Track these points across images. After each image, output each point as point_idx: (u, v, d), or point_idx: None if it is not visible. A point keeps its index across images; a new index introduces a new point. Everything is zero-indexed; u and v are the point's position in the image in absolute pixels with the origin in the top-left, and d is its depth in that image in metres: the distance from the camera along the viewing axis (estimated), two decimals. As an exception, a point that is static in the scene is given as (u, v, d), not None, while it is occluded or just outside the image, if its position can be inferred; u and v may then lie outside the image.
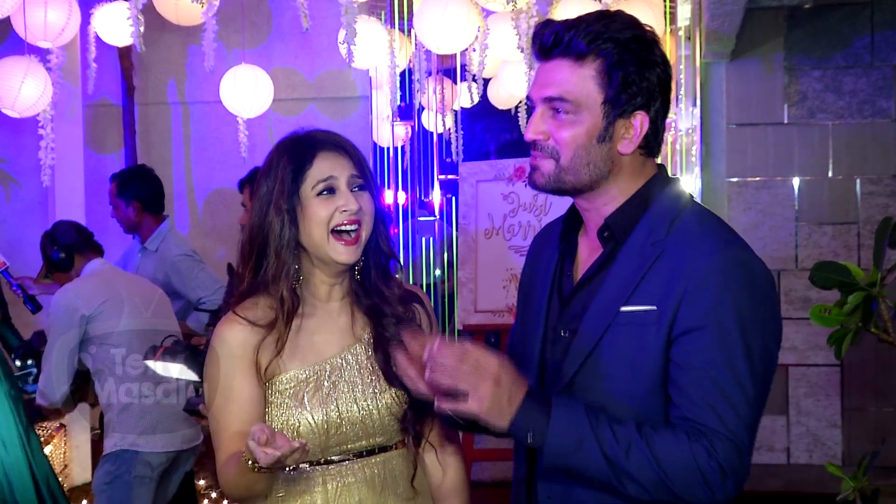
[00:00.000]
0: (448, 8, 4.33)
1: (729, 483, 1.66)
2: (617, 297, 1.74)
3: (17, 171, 5.85)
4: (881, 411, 5.48)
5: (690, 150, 5.47)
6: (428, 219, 5.78)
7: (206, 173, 5.95)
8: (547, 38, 1.77)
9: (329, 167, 1.98)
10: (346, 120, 5.89)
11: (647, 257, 1.74)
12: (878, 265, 2.05)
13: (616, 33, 1.75)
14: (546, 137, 1.77)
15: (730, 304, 1.68)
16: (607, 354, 1.74)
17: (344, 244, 1.98)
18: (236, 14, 5.28)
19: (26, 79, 4.33)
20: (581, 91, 1.74)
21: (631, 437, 1.66)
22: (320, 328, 2.05)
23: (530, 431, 1.68)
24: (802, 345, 5.52)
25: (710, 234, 1.77)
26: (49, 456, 4.83)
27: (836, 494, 2.20)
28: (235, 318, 2.00)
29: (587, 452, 1.67)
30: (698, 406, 1.67)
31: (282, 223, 1.97)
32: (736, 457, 1.66)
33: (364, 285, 2.08)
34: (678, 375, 1.69)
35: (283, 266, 1.99)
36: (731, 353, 1.67)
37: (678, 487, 1.66)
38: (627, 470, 1.66)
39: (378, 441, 2.04)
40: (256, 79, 4.88)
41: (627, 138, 1.77)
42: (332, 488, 2.02)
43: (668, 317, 1.69)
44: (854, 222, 5.50)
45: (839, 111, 5.50)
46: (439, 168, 5.74)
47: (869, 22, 5.47)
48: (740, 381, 1.67)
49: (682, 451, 1.65)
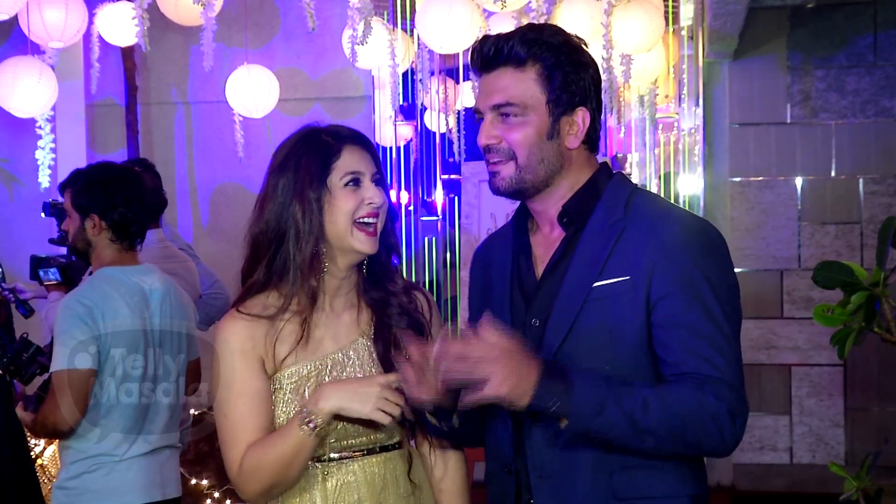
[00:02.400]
0: (452, 8, 4.33)
1: (738, 424, 1.80)
2: (587, 275, 1.87)
3: (20, 172, 5.85)
4: (884, 411, 5.48)
5: (693, 149, 5.47)
6: (431, 219, 5.78)
7: (208, 173, 5.95)
8: (487, 50, 1.91)
9: (356, 160, 2.04)
10: (350, 120, 5.88)
11: (609, 236, 1.88)
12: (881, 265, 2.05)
13: (549, 38, 1.91)
14: (499, 141, 1.91)
15: (697, 267, 1.84)
16: (585, 329, 1.86)
17: (366, 234, 2.03)
18: (240, 14, 5.28)
19: (41, 80, 4.35)
20: (526, 93, 1.89)
21: (645, 395, 1.78)
22: (324, 323, 2.07)
23: (554, 400, 1.75)
24: (805, 345, 5.52)
25: (667, 210, 1.95)
26: (52, 455, 4.84)
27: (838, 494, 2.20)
28: (238, 315, 2.03)
29: (610, 413, 1.75)
30: (692, 359, 1.81)
31: (308, 212, 2.00)
32: (737, 398, 1.81)
33: (370, 279, 2.11)
34: (665, 336, 1.84)
35: (308, 251, 2.01)
36: (709, 309, 1.83)
37: (695, 436, 1.79)
38: (647, 425, 1.76)
39: (379, 438, 2.05)
40: (262, 79, 4.88)
41: (573, 134, 1.92)
42: (331, 486, 2.03)
43: (644, 285, 1.84)
44: (857, 222, 5.49)
45: (842, 111, 5.50)
46: (442, 168, 5.74)
47: (872, 21, 5.47)
48: (722, 331, 1.82)
49: (692, 401, 1.78)
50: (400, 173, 5.75)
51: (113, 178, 3.15)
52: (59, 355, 2.94)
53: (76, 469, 3.04)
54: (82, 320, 2.96)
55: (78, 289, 3.13)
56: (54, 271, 4.05)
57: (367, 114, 5.82)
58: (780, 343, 5.55)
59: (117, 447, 3.04)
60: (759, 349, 5.57)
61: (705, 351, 1.81)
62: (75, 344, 2.95)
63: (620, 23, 4.40)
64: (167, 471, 3.17)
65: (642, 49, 4.52)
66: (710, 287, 1.84)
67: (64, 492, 3.06)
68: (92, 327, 2.97)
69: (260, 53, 5.60)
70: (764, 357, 5.57)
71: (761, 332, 5.54)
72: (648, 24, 4.38)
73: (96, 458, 3.03)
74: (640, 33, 4.40)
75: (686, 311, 1.82)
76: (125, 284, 3.08)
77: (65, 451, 3.08)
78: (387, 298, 2.11)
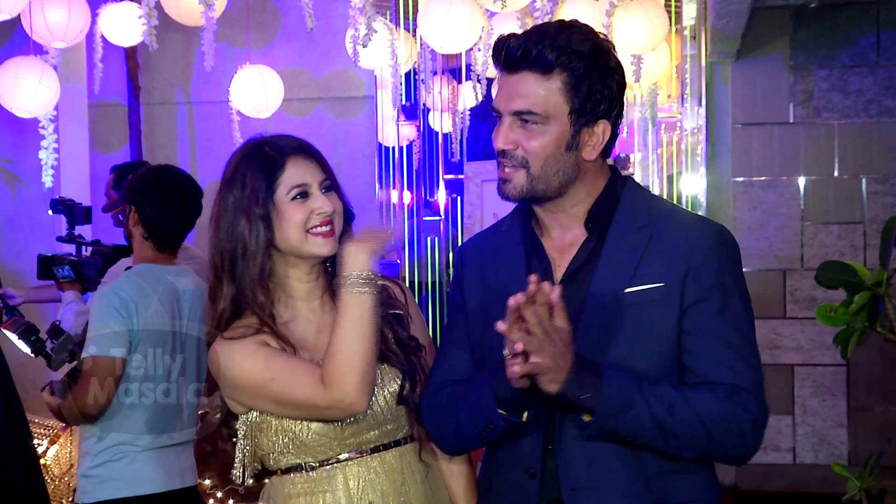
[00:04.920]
0: (452, 7, 4.33)
1: (759, 434, 1.83)
2: (618, 281, 1.85)
3: (23, 172, 5.85)
4: (887, 411, 5.47)
5: (696, 149, 5.47)
6: (433, 218, 5.78)
7: (211, 173, 5.94)
8: (514, 51, 1.84)
9: (301, 173, 2.05)
10: (353, 119, 5.89)
11: (638, 241, 1.87)
12: (884, 265, 2.05)
13: (579, 45, 1.83)
14: (515, 147, 1.86)
15: (727, 277, 1.86)
16: (619, 335, 1.83)
17: (323, 237, 2.04)
18: (242, 14, 5.28)
19: (42, 80, 4.35)
20: (549, 103, 1.84)
21: (672, 397, 1.78)
22: (312, 327, 2.10)
23: (584, 392, 1.74)
24: (808, 344, 5.51)
25: (691, 217, 1.98)
26: (55, 455, 4.85)
27: (842, 494, 2.20)
28: (226, 343, 2.04)
29: (637, 412, 1.76)
30: (722, 369, 1.81)
31: (254, 228, 2.02)
32: (762, 411, 1.83)
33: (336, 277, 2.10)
34: (694, 344, 1.83)
35: (257, 268, 2.04)
36: (738, 321, 1.85)
37: (716, 440, 1.80)
38: (672, 428, 1.77)
39: (389, 429, 2.07)
40: (267, 79, 4.88)
41: (591, 145, 1.88)
42: (354, 485, 2.04)
43: (677, 291, 1.83)
44: (860, 222, 5.48)
45: (845, 110, 5.49)
46: (444, 167, 5.74)
47: (875, 21, 5.46)
48: (750, 343, 1.85)
49: (722, 408, 1.79)
50: (402, 173, 5.75)
51: (155, 177, 3.26)
52: (93, 342, 3.03)
53: (101, 458, 3.14)
54: (118, 311, 3.05)
55: (115, 281, 3.21)
56: (67, 268, 4.06)
57: (369, 114, 5.82)
58: (783, 343, 5.55)
59: (139, 438, 3.14)
60: (762, 349, 5.53)
61: (733, 361, 1.82)
62: (109, 332, 3.04)
63: (625, 22, 4.40)
64: (184, 460, 3.30)
65: (647, 49, 4.51)
66: (737, 294, 1.86)
67: (88, 480, 3.17)
68: (126, 320, 3.06)
69: (262, 53, 5.60)
70: (767, 357, 5.56)
71: (764, 332, 5.54)
72: (651, 23, 4.38)
73: (119, 447, 3.13)
74: (644, 33, 4.39)
75: (716, 319, 1.83)
76: (161, 282, 3.18)
77: (89, 440, 3.18)
78: None
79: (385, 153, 5.76)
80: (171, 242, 3.25)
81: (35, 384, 4.57)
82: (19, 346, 3.35)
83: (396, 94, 4.96)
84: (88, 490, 3.16)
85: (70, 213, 4.34)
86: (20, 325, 3.33)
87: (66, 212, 4.34)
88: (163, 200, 3.19)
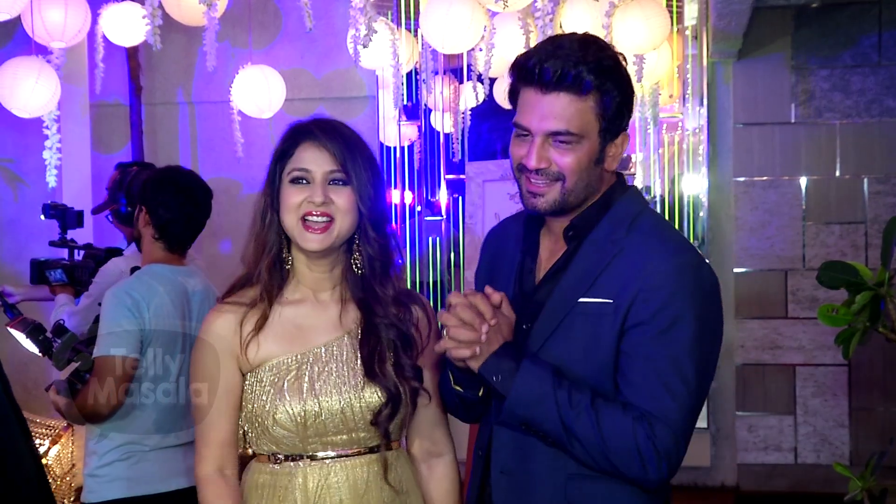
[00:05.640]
0: (452, 7, 4.33)
1: (663, 465, 1.80)
2: (576, 289, 1.90)
3: (25, 172, 5.86)
4: (889, 411, 5.47)
5: (697, 149, 5.47)
6: (434, 218, 5.78)
7: (213, 173, 5.94)
8: (550, 72, 1.86)
9: (307, 158, 2.03)
10: (354, 119, 5.88)
11: (606, 253, 1.90)
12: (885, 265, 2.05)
13: (609, 64, 1.88)
14: (549, 165, 1.89)
15: (679, 305, 1.82)
16: (562, 341, 1.88)
17: (311, 232, 2.01)
18: (243, 14, 5.28)
19: (40, 80, 4.35)
20: (583, 122, 1.88)
21: (584, 404, 1.81)
22: (307, 317, 2.07)
23: (498, 376, 1.83)
24: (810, 344, 5.51)
25: (667, 240, 1.92)
26: (57, 455, 4.85)
27: (843, 494, 2.20)
28: (219, 306, 2.08)
29: (546, 408, 1.81)
30: (642, 394, 1.82)
31: (266, 205, 2.05)
32: (672, 443, 1.80)
33: (359, 281, 2.09)
34: (626, 364, 1.84)
35: (264, 245, 2.06)
36: (676, 350, 1.81)
37: (616, 459, 1.81)
38: (575, 432, 1.81)
39: (361, 437, 2.03)
40: (270, 79, 4.88)
41: (613, 156, 1.95)
42: (312, 487, 2.01)
43: (623, 310, 1.84)
44: (861, 222, 5.48)
45: (847, 110, 5.49)
46: (446, 168, 5.74)
47: (877, 21, 5.46)
48: (682, 375, 1.81)
49: (624, 428, 1.80)
50: (404, 173, 5.75)
51: (168, 180, 3.26)
52: (104, 341, 3.02)
53: (109, 457, 3.14)
54: (130, 311, 3.05)
55: (126, 281, 3.20)
56: (59, 272, 4.07)
57: (371, 114, 5.82)
58: (784, 343, 5.55)
59: (147, 438, 3.14)
60: (764, 349, 5.56)
61: (656, 389, 1.81)
62: (121, 332, 3.03)
63: (626, 22, 4.40)
64: (190, 459, 3.28)
65: (647, 49, 4.51)
66: (686, 327, 1.82)
67: (95, 479, 3.16)
68: (138, 319, 3.06)
69: (264, 53, 5.61)
70: (768, 357, 5.56)
71: (766, 332, 5.54)
72: (650, 23, 4.37)
73: (127, 446, 3.13)
74: (643, 33, 4.39)
75: (651, 345, 1.82)
76: (171, 282, 3.18)
77: (96, 439, 3.17)
78: (370, 303, 2.07)
79: (387, 153, 5.76)
80: (181, 243, 3.26)
81: (37, 384, 4.58)
82: (26, 345, 3.35)
83: (398, 94, 4.96)
84: (95, 489, 3.15)
85: (62, 218, 4.35)
86: (28, 324, 3.32)
87: (59, 216, 4.35)
88: (175, 201, 3.19)
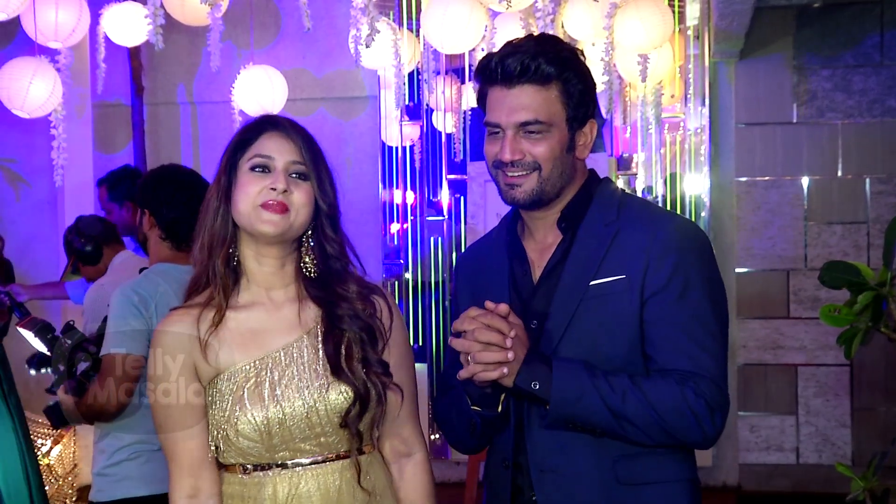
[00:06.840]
0: (450, 7, 4.33)
1: (717, 417, 1.89)
2: (584, 274, 1.96)
3: (27, 172, 5.87)
4: (891, 411, 5.47)
5: (699, 149, 5.47)
6: (436, 218, 5.79)
7: (214, 173, 5.96)
8: (512, 67, 1.96)
9: (271, 146, 1.98)
10: (356, 119, 5.90)
11: (604, 236, 1.98)
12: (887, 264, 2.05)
13: (567, 55, 1.99)
14: (524, 156, 1.98)
15: (688, 266, 1.93)
16: (584, 326, 1.94)
17: (270, 211, 1.93)
18: (244, 14, 5.29)
19: (34, 79, 4.35)
20: (550, 111, 1.97)
21: (625, 385, 1.87)
22: (263, 320, 1.99)
23: (535, 383, 1.86)
24: (812, 344, 5.51)
25: (659, 212, 2.08)
26: (59, 455, 4.85)
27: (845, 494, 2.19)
28: (170, 313, 2.00)
29: (590, 401, 1.86)
30: (678, 357, 1.89)
31: (218, 192, 2.00)
32: (719, 394, 1.89)
33: (316, 280, 2.02)
34: (653, 333, 1.92)
35: (217, 238, 1.98)
36: (696, 309, 1.92)
37: (672, 427, 1.87)
38: (625, 414, 1.86)
39: (330, 442, 1.96)
40: (272, 79, 4.89)
41: (583, 145, 2.04)
42: (282, 496, 1.94)
43: (638, 283, 1.92)
44: (863, 222, 5.48)
45: (848, 110, 5.49)
46: (448, 168, 5.74)
47: (878, 21, 5.46)
48: (709, 329, 1.91)
49: (673, 394, 1.86)
50: (406, 173, 5.76)
51: (168, 178, 3.24)
52: (112, 339, 3.00)
53: (117, 457, 3.14)
54: (138, 309, 3.03)
55: (133, 280, 3.18)
56: None
57: (372, 114, 5.82)
58: (786, 343, 5.54)
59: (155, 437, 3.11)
60: (766, 349, 5.56)
61: (688, 347, 1.89)
62: (129, 330, 3.01)
63: (628, 21, 4.40)
64: None
65: (647, 49, 4.52)
66: (700, 287, 1.93)
67: (104, 478, 3.16)
68: (146, 318, 3.04)
69: (265, 53, 5.61)
70: (770, 357, 5.56)
71: (767, 332, 5.54)
72: (650, 23, 4.37)
73: (135, 446, 3.12)
74: (646, 32, 4.39)
75: (674, 309, 1.91)
76: (178, 281, 3.15)
77: (105, 438, 3.17)
78: (331, 299, 2.00)
79: (388, 153, 5.76)
80: (188, 240, 3.25)
81: (39, 384, 4.57)
82: (35, 344, 3.33)
83: (399, 94, 4.96)
84: (104, 488, 3.15)
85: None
86: (36, 323, 3.31)
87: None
88: (178, 199, 3.17)
